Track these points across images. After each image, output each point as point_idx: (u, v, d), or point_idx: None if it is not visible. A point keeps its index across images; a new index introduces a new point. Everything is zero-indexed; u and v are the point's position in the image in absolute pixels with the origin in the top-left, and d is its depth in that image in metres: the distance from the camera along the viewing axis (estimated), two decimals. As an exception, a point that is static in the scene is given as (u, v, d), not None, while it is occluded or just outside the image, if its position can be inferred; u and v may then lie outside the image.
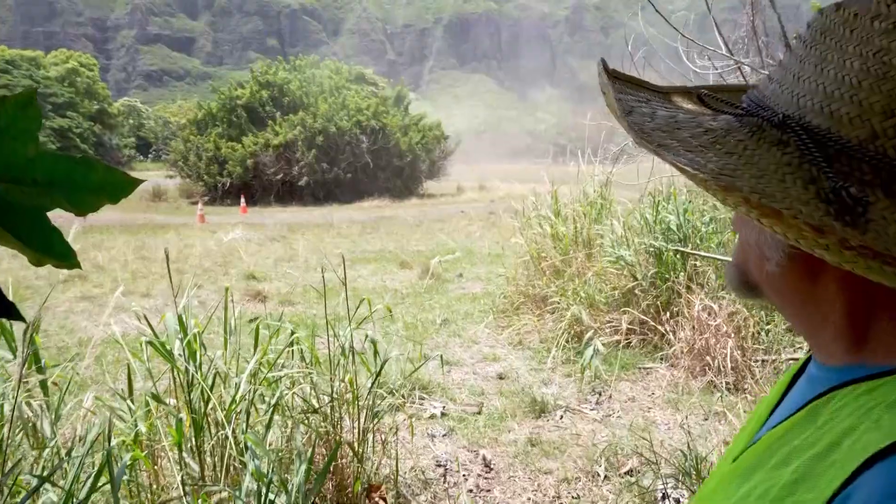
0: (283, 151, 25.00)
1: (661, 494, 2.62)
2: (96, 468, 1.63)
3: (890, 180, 0.46)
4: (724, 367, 3.76)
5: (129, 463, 1.81)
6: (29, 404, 1.95)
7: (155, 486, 2.15)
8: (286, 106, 27.21)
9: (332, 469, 2.43)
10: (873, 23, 0.46)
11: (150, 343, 2.06)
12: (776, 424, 0.60)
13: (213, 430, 2.19)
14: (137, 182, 0.64)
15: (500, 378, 4.40)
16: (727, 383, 3.73)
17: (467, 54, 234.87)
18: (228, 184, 24.83)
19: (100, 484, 1.66)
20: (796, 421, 0.56)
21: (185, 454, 2.09)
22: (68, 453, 1.92)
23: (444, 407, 3.85)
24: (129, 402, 2.23)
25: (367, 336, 2.67)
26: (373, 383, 2.55)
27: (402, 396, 3.79)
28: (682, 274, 4.41)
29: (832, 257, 0.45)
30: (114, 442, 1.78)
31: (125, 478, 1.89)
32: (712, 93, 0.65)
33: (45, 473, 1.73)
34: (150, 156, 64.36)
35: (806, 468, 0.49)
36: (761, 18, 6.73)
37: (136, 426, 2.08)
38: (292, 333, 2.49)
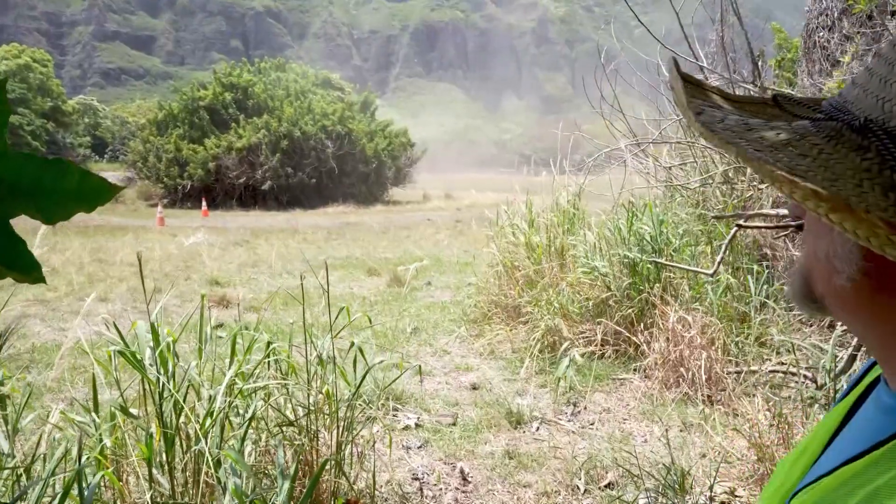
0: (246, 155, 24.58)
1: (643, 508, 2.59)
2: (61, 490, 1.51)
3: None
4: (698, 378, 3.78)
5: (97, 482, 1.68)
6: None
7: (121, 505, 2.02)
8: (250, 108, 26.79)
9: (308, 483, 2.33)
10: None
11: (120, 353, 1.94)
12: (851, 458, 0.55)
13: (185, 445, 2.07)
14: (117, 189, 0.56)
15: (474, 388, 4.34)
16: (702, 395, 3.75)
17: (433, 62, 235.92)
18: (189, 186, 24.29)
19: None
20: (877, 458, 0.51)
21: (154, 470, 1.97)
22: (27, 470, 1.78)
23: (418, 418, 3.77)
24: (93, 414, 2.10)
25: (352, 344, 2.58)
26: (353, 395, 2.46)
27: (377, 408, 3.70)
28: (656, 285, 4.43)
29: (866, 234, 0.42)
30: (82, 460, 1.65)
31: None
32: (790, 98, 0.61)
33: (2, 493, 1.60)
34: (106, 156, 62.55)
35: None
36: (730, 35, 6.89)
37: (101, 441, 1.95)
38: (269, 343, 2.38)
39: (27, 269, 0.56)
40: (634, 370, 4.34)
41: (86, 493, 1.44)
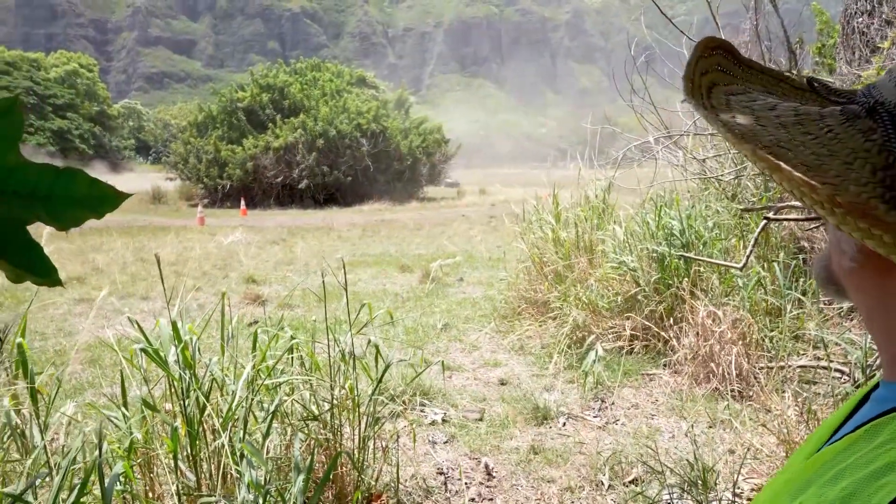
0: (283, 154, 25.00)
1: (666, 505, 2.57)
2: (82, 478, 1.58)
3: None
4: (728, 374, 3.71)
5: (120, 472, 1.75)
6: (18, 412, 1.90)
7: (151, 495, 2.10)
8: (286, 109, 27.21)
9: (332, 478, 2.38)
10: None
11: (143, 350, 2.01)
12: (834, 442, 0.56)
13: (210, 439, 2.14)
14: (124, 196, 0.59)
15: (502, 384, 4.35)
16: (732, 391, 3.68)
17: (468, 58, 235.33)
18: (228, 186, 24.82)
19: (90, 493, 1.61)
20: (854, 439, 0.53)
21: (180, 463, 2.04)
22: (55, 464, 1.87)
23: (445, 413, 3.80)
24: (122, 409, 2.18)
25: (369, 341, 2.62)
26: (374, 390, 2.50)
27: (403, 403, 3.74)
28: (685, 280, 4.36)
29: (823, 212, 0.43)
30: (105, 450, 1.72)
31: (118, 487, 1.83)
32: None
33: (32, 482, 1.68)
34: (149, 158, 64.46)
35: (856, 487, 0.45)
36: (764, 23, 6.70)
37: (131, 434, 2.03)
38: (292, 338, 2.44)
39: (44, 273, 0.60)
40: (664, 365, 4.29)
41: (106, 483, 1.51)
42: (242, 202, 21.51)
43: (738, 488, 2.60)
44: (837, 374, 3.31)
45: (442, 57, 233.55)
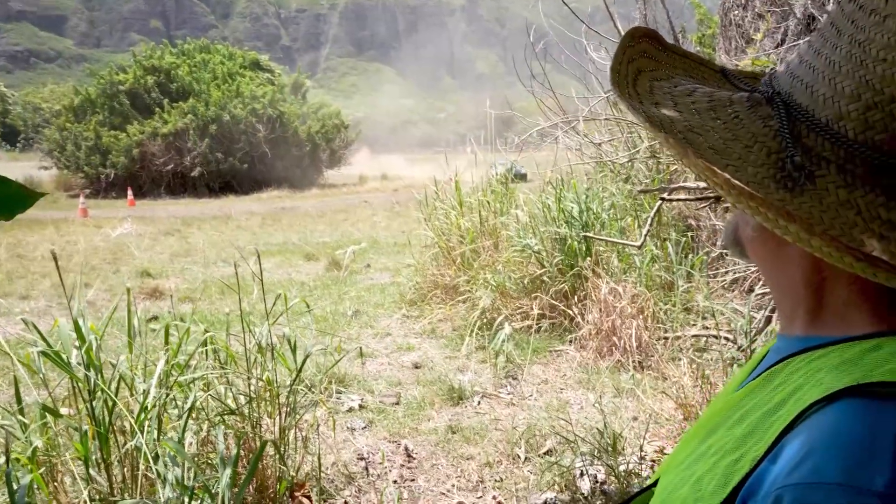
0: (172, 141, 23.67)
1: (579, 472, 2.72)
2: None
3: (846, 160, 0.49)
4: (630, 346, 3.95)
5: (28, 482, 1.64)
6: None
7: (56, 505, 1.97)
8: (174, 93, 25.72)
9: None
10: (870, 15, 0.49)
11: (43, 353, 1.88)
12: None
13: (122, 441, 2.04)
14: (38, 195, 0.56)
15: (416, 367, 4.40)
16: (634, 362, 3.92)
17: (364, 42, 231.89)
18: (112, 175, 23.21)
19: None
20: (754, 386, 0.59)
21: (91, 468, 1.93)
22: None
23: (362, 399, 3.81)
24: (17, 416, 2.03)
25: (283, 335, 2.58)
26: (293, 381, 2.47)
27: (320, 391, 3.71)
28: (587, 259, 4.58)
29: (722, 192, 0.49)
30: (3, 460, 1.60)
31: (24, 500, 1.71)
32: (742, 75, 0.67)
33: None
34: (18, 145, 58.95)
35: (755, 424, 0.52)
36: (652, 13, 7.07)
37: (31, 443, 1.90)
38: (206, 332, 2.35)
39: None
40: (570, 341, 4.49)
41: (16, 496, 1.40)
42: (129, 192, 20.21)
43: (643, 451, 2.80)
44: (725, 341, 3.61)
45: (338, 40, 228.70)
